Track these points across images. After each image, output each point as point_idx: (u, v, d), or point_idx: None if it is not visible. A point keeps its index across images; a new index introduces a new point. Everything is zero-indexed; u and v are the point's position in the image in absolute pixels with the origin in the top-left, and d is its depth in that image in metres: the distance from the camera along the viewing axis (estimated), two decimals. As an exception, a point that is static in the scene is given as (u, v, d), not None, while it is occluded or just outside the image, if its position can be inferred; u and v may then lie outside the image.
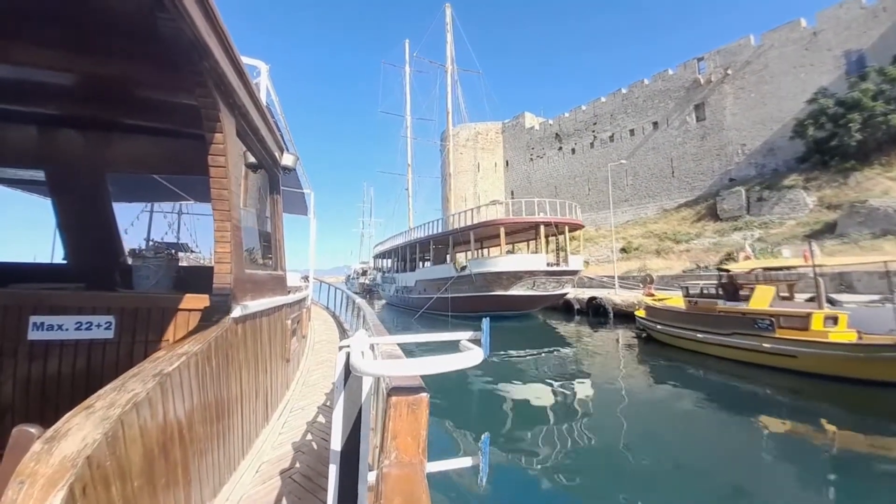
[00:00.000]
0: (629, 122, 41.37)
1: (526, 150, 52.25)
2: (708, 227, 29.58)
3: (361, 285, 46.40)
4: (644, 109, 40.32)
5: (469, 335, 1.58)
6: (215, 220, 2.07)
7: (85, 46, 2.11)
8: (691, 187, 36.45)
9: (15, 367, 2.08)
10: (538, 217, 18.73)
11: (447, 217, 26.09)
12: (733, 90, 34.68)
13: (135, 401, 1.18)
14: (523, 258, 18.16)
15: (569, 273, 18.05)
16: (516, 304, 17.66)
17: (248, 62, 3.07)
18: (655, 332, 12.93)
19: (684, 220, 32.53)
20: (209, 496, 1.82)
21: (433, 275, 20.93)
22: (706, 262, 23.34)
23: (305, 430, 2.90)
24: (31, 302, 2.14)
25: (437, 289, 19.80)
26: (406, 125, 33.77)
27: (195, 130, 2.44)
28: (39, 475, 0.87)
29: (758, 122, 33.28)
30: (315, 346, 5.84)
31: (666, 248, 28.97)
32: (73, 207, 3.55)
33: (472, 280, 17.57)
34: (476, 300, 17.78)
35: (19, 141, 3.19)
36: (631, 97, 41.53)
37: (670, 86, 38.72)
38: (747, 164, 33.32)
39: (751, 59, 34.30)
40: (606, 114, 43.35)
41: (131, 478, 1.14)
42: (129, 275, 3.02)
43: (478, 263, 18.30)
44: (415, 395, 1.16)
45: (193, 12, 1.49)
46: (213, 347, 1.82)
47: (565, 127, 47.57)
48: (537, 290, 17.40)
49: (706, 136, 35.92)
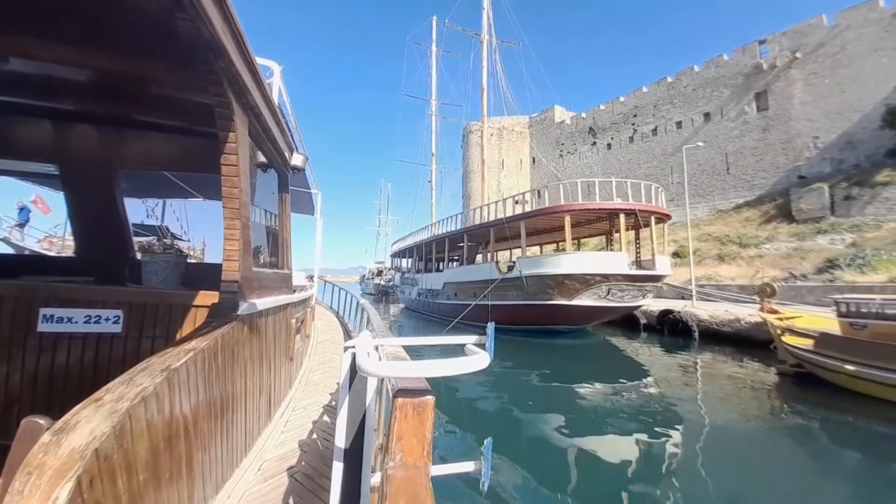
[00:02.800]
0: (676, 114, 37.28)
1: (555, 145, 48.49)
2: (781, 229, 25.37)
3: (377, 286, 43.17)
4: (693, 99, 36.22)
5: (474, 339, 1.56)
6: (225, 217, 2.08)
7: (103, 43, 2.12)
8: (750, 185, 32.19)
9: (24, 359, 2.12)
10: (617, 203, 13.90)
11: (468, 213, 22.22)
12: (803, 76, 30.39)
13: (143, 395, 1.19)
14: (600, 258, 13.73)
15: (654, 279, 14.07)
16: (578, 317, 13.89)
17: (262, 62, 3.06)
18: (830, 373, 8.56)
19: (748, 222, 28.33)
20: (212, 493, 1.81)
21: (468, 276, 17.10)
22: (798, 270, 19.23)
23: (308, 428, 2.88)
24: (41, 294, 2.18)
25: (471, 294, 16.12)
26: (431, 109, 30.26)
27: (207, 128, 2.53)
28: (47, 467, 0.88)
29: (833, 111, 28.93)
30: (318, 346, 5.77)
31: (731, 254, 24.87)
32: (84, 202, 3.57)
33: (523, 285, 13.81)
34: (526, 311, 14.05)
35: (34, 135, 3.22)
36: (678, 86, 37.45)
37: (725, 73, 34.57)
38: (820, 160, 28.97)
39: (824, 40, 30.03)
40: (649, 105, 39.33)
41: (137, 471, 1.15)
42: (138, 270, 2.98)
43: (532, 263, 14.34)
44: (421, 398, 1.13)
45: (212, 13, 1.52)
46: (219, 344, 1.82)
47: (600, 120, 43.66)
48: (611, 300, 13.43)
49: (769, 128, 31.67)
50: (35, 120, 3.10)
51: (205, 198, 5.18)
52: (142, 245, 4.03)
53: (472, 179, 54.34)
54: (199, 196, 5.16)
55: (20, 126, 3.12)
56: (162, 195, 5.51)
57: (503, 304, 14.51)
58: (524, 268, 14.04)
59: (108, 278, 2.72)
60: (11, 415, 2.01)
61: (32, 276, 2.47)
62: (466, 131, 57.30)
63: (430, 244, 22.24)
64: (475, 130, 56.04)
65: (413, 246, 25.96)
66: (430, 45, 30.28)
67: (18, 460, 0.89)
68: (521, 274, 13.83)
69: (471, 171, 55.15)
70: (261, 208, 2.98)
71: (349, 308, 9.03)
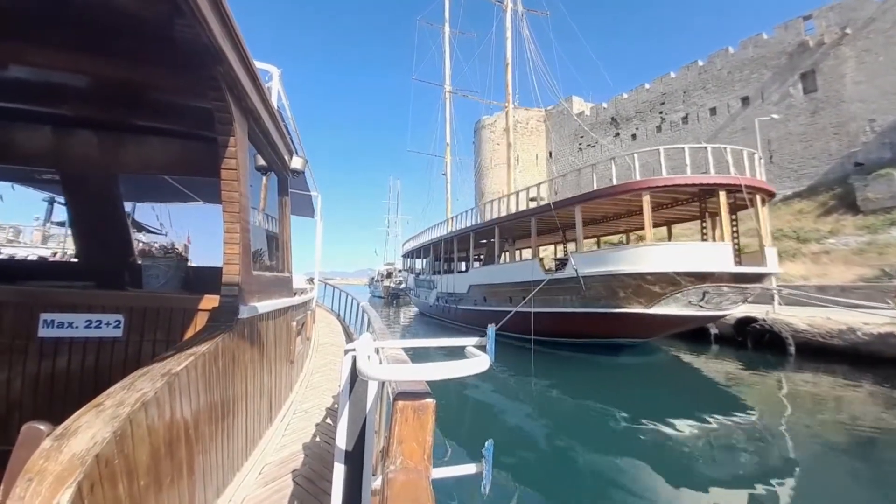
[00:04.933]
0: (709, 100, 34.47)
1: (573, 138, 45.85)
2: (845, 221, 22.45)
3: (386, 289, 40.64)
4: (729, 83, 33.40)
5: (475, 341, 1.52)
6: (225, 221, 2.08)
7: (101, 49, 2.11)
8: (797, 175, 29.28)
9: (24, 364, 2.11)
10: (716, 176, 10.34)
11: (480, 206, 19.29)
12: (855, 53, 27.46)
13: (143, 399, 1.19)
14: (699, 250, 10.04)
15: (759, 279, 10.77)
16: (653, 329, 11.13)
17: (261, 67, 2.97)
18: None
19: (802, 215, 25.42)
20: (213, 497, 1.81)
21: (502, 277, 14.26)
22: (889, 267, 16.33)
23: (309, 432, 2.88)
24: (42, 299, 2.18)
25: (506, 299, 13.44)
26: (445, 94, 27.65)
27: (207, 133, 2.63)
28: (48, 472, 0.88)
29: (890, 91, 25.97)
30: (319, 349, 5.71)
31: (788, 250, 21.97)
32: (85, 207, 3.62)
33: (580, 287, 10.90)
34: (583, 320, 11.21)
35: (35, 141, 3.23)
36: (711, 69, 34.66)
37: (766, 52, 31.71)
38: (879, 144, 25.96)
39: (875, 15, 27.12)
40: (678, 91, 36.57)
41: (138, 476, 1.15)
42: (139, 274, 2.99)
43: (593, 259, 11.09)
44: (421, 401, 1.12)
45: (210, 18, 1.51)
46: (220, 348, 1.83)
47: (624, 110, 40.95)
48: (704, 308, 10.33)
49: (818, 112, 28.74)
50: (36, 126, 3.13)
51: (205, 201, 5.10)
52: (142, 249, 4.08)
53: (486, 177, 51.72)
54: (198, 200, 5.08)
55: (21, 132, 3.15)
56: (161, 199, 5.38)
57: (551, 311, 11.79)
58: (581, 265, 10.92)
59: (108, 283, 2.71)
60: (12, 420, 2.02)
61: (33, 282, 2.48)
62: (478, 126, 54.73)
63: (450, 241, 19.44)
64: (488, 125, 53.44)
65: (429, 244, 23.11)
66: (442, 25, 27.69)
67: (19, 466, 0.90)
68: (577, 273, 10.80)
69: (484, 169, 52.54)
70: (261, 211, 2.97)
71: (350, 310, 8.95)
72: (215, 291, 2.09)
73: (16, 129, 3.09)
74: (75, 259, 3.72)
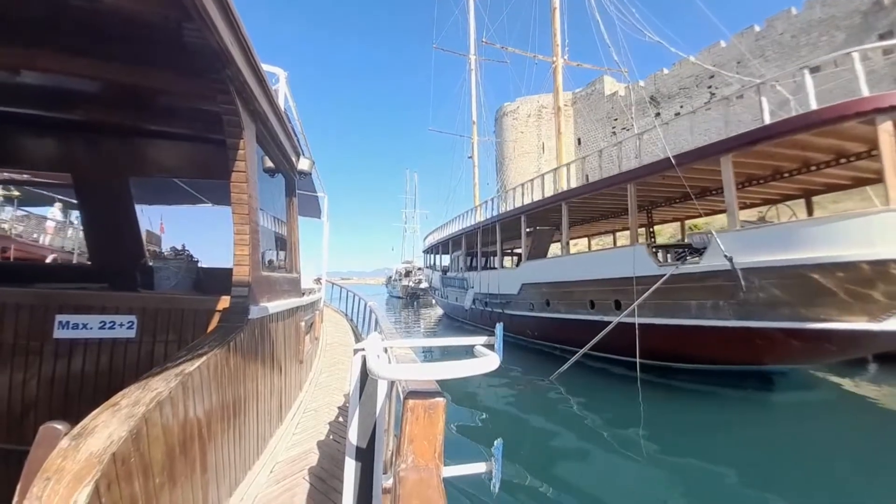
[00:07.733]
0: (770, 69, 30.23)
1: (606, 122, 41.94)
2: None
3: (405, 289, 37.35)
4: (794, 48, 29.36)
5: (483, 340, 1.53)
6: (235, 223, 2.11)
7: (112, 55, 2.14)
8: (885, 150, 25.01)
9: (40, 365, 2.11)
10: None
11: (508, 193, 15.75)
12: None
13: (158, 399, 1.20)
14: None
15: None
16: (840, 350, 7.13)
17: (268, 69, 3.00)
18: None
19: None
20: (225, 494, 1.83)
21: (579, 272, 10.22)
22: None
23: (319, 430, 2.90)
24: (57, 301, 2.18)
25: (586, 304, 9.85)
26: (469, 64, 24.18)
27: (216, 136, 2.56)
28: (66, 471, 0.88)
29: None
30: (327, 348, 5.74)
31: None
32: (97, 210, 3.68)
33: (737, 286, 6.94)
34: (739, 337, 7.24)
35: (49, 146, 3.32)
36: (771, 35, 30.65)
37: (835, 12, 27.60)
38: None
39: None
40: (730, 62, 32.52)
41: (153, 475, 1.16)
42: (151, 275, 3.01)
43: (764, 238, 6.93)
44: (432, 399, 1.13)
45: (219, 23, 1.55)
46: (231, 348, 1.85)
47: (665, 87, 37.05)
48: None
49: (907, 76, 24.45)
50: (49, 131, 3.19)
51: (214, 203, 5.07)
52: (153, 251, 4.20)
53: (509, 168, 48.03)
54: (208, 202, 5.08)
55: (35, 137, 3.22)
56: (172, 202, 5.27)
57: (668, 323, 8.04)
58: (738, 251, 6.91)
59: (121, 284, 2.75)
60: (29, 420, 2.03)
61: (48, 284, 2.50)
62: (499, 115, 51.06)
63: (490, 228, 15.80)
64: (509, 112, 49.75)
65: (460, 234, 19.39)
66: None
67: (37, 465, 0.90)
68: (733, 265, 6.89)
69: (506, 159, 48.89)
70: (270, 213, 2.99)
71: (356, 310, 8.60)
72: (226, 292, 2.15)
73: (30, 135, 3.20)
74: (88, 261, 3.83)
